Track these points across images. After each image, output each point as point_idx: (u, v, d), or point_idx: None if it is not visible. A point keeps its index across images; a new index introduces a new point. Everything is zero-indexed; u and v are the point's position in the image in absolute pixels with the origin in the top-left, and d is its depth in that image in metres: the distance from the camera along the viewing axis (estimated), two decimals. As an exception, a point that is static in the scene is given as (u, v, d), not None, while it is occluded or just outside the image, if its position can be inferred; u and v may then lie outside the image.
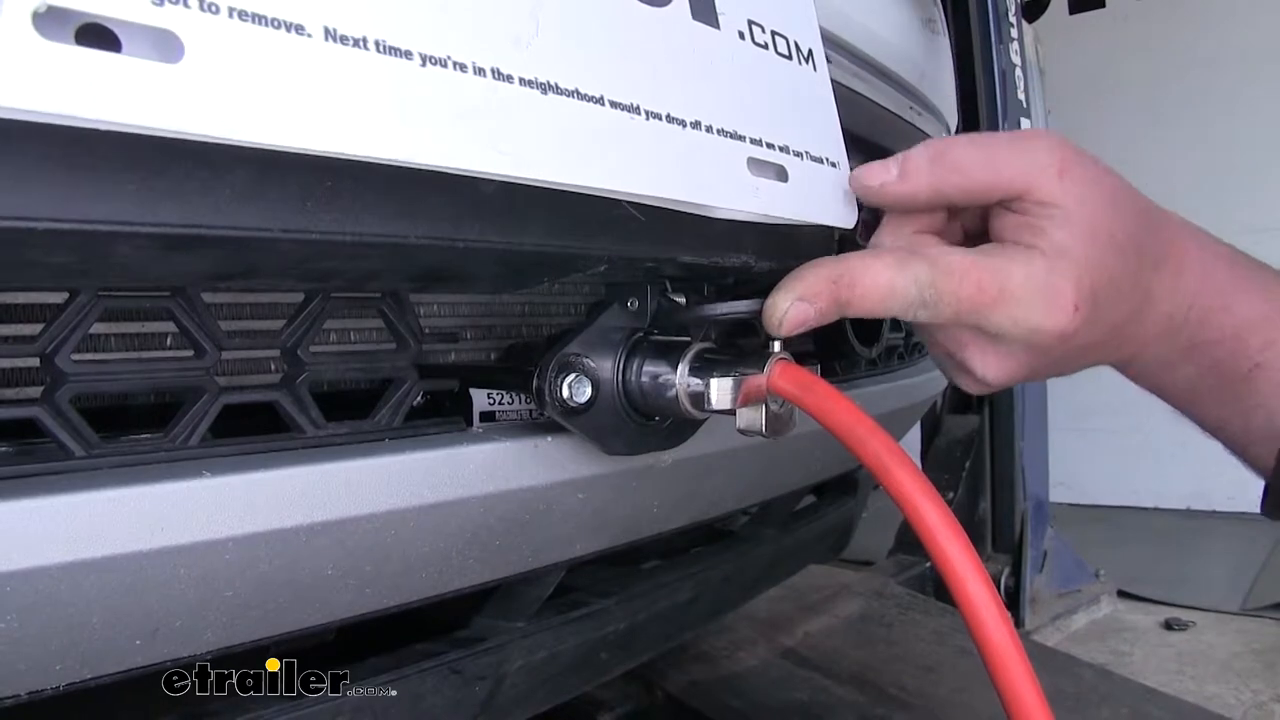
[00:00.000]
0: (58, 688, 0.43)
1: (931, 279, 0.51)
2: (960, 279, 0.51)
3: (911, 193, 0.54)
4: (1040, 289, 0.51)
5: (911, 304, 0.51)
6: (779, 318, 0.50)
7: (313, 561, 0.48)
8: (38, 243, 0.32)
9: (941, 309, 0.51)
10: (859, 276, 0.51)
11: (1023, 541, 2.34)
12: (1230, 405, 0.60)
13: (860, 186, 0.57)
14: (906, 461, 0.46)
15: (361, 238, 0.38)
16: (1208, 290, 0.59)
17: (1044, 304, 0.51)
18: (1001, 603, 0.45)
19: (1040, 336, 0.52)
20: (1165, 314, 0.58)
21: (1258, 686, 1.96)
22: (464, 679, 0.67)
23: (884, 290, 0.51)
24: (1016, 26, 2.38)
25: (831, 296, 0.51)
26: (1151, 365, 0.61)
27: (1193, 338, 0.59)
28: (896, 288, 0.51)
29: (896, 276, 0.51)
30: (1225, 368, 0.59)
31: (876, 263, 0.51)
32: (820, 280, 0.51)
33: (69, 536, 0.38)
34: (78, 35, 0.28)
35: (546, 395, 0.51)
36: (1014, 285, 0.51)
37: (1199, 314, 0.58)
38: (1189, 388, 0.61)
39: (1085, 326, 0.52)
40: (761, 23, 0.57)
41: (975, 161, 0.53)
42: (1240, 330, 0.59)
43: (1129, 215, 0.55)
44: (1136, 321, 0.57)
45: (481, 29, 0.40)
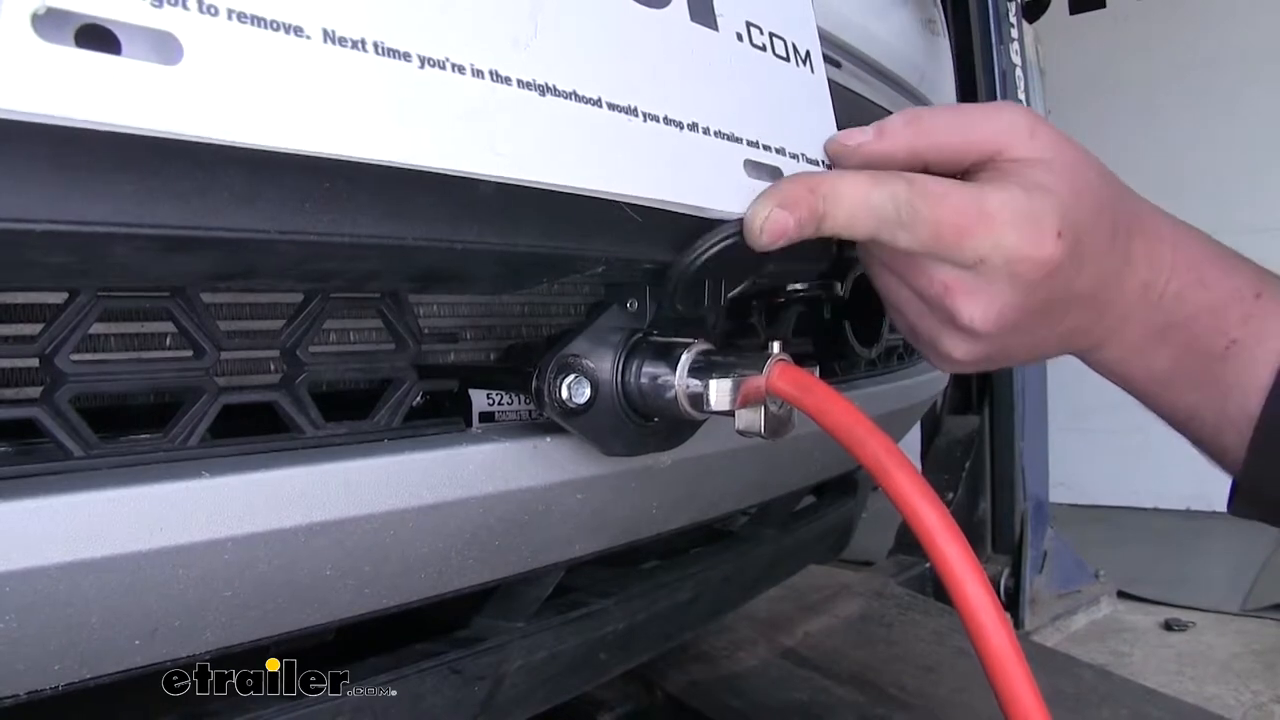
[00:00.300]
0: (56, 688, 0.43)
1: (909, 197, 0.51)
2: (937, 201, 0.51)
3: (887, 152, 0.55)
4: (1023, 214, 0.51)
5: (888, 221, 0.51)
6: (759, 225, 0.50)
7: (312, 562, 0.48)
8: (37, 244, 0.32)
9: (919, 230, 0.51)
10: (836, 185, 0.51)
11: (1023, 542, 2.34)
12: (1205, 388, 0.60)
13: (837, 146, 0.57)
14: (905, 463, 0.46)
15: (359, 239, 0.38)
16: (1182, 264, 0.59)
17: (1026, 228, 0.51)
18: (1000, 605, 0.45)
19: (1025, 265, 0.51)
20: (1142, 283, 0.58)
21: (1258, 687, 1.96)
22: (464, 679, 0.67)
23: (860, 201, 0.51)
24: (1017, 27, 2.38)
25: (809, 206, 0.51)
26: (1127, 349, 0.60)
27: (1169, 315, 0.58)
28: (873, 200, 0.51)
29: (873, 190, 0.51)
30: (1201, 346, 0.59)
31: (855, 175, 0.52)
32: (798, 188, 0.51)
33: (68, 536, 0.38)
34: (77, 37, 0.29)
35: (545, 396, 0.51)
36: (994, 209, 0.51)
37: (1175, 289, 0.58)
38: (1164, 372, 0.60)
39: (1069, 262, 0.52)
40: (760, 24, 0.57)
41: (950, 124, 0.55)
42: (1216, 306, 0.58)
43: (1102, 176, 0.56)
44: (1116, 285, 0.57)
45: (480, 31, 0.40)
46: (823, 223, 0.51)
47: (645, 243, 0.51)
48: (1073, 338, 0.59)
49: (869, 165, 0.56)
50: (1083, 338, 0.59)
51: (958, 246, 0.51)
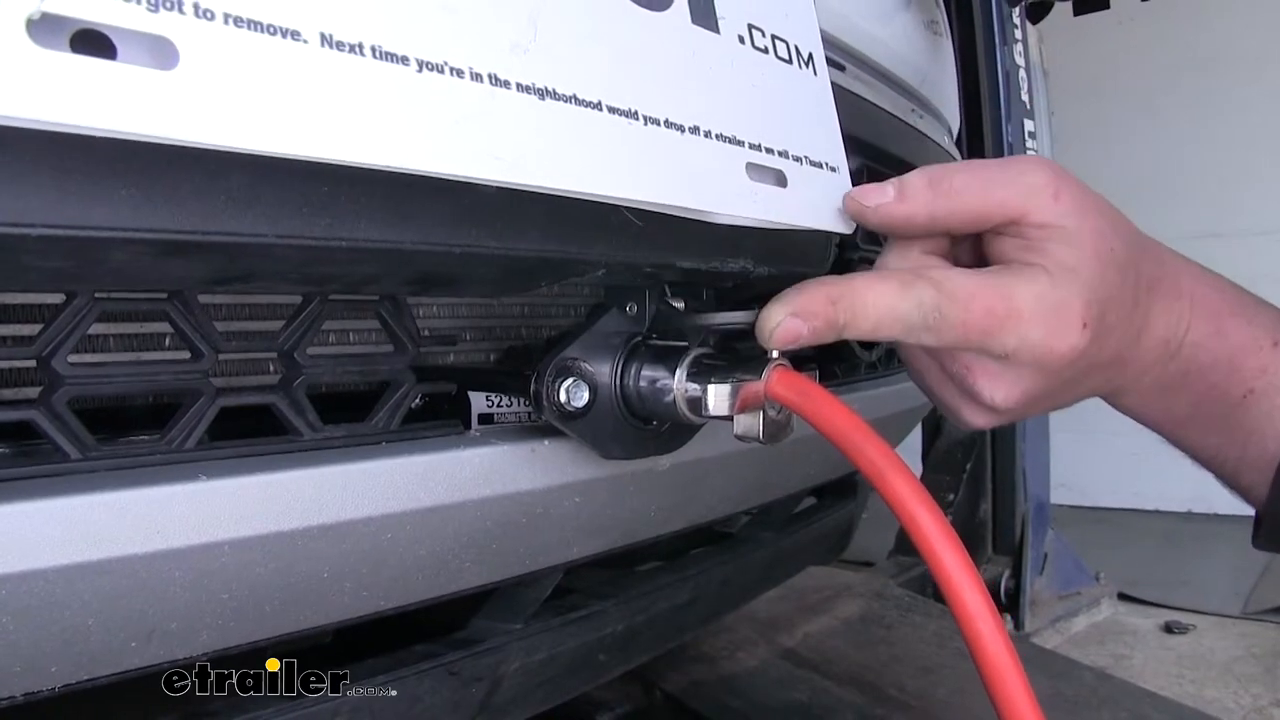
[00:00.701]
0: (54, 689, 0.43)
1: (937, 303, 0.50)
2: (967, 303, 0.50)
3: (908, 215, 0.54)
4: (1051, 308, 0.50)
5: (913, 328, 0.50)
6: (770, 330, 0.50)
7: (309, 564, 0.48)
8: (33, 248, 0.32)
9: (946, 333, 0.50)
10: (860, 297, 0.50)
11: (1023, 543, 2.34)
12: (1224, 433, 0.60)
13: (856, 207, 0.56)
14: (902, 468, 0.46)
15: (357, 243, 0.38)
16: (1201, 316, 0.59)
17: (1055, 323, 0.50)
18: (996, 611, 0.44)
19: (1051, 357, 0.51)
20: (1161, 339, 0.57)
21: (1258, 691, 1.96)
22: (462, 680, 0.67)
23: (884, 312, 0.50)
24: (1020, 28, 2.38)
25: (828, 318, 0.50)
26: (1146, 395, 0.60)
27: (1187, 364, 0.58)
28: (899, 311, 0.50)
29: (899, 301, 0.50)
30: (1219, 394, 0.59)
31: (880, 284, 0.50)
32: (819, 299, 0.50)
33: (65, 539, 0.38)
34: (72, 42, 0.28)
35: (544, 399, 0.51)
36: (1022, 305, 0.50)
37: (1193, 340, 0.58)
38: (1183, 416, 0.61)
39: (1093, 346, 0.52)
40: (762, 27, 0.57)
41: (971, 186, 0.53)
42: (1234, 355, 0.58)
43: (1125, 236, 0.55)
44: (1135, 344, 0.57)
45: (479, 34, 0.40)
46: (842, 331, 0.50)
47: (645, 247, 0.50)
48: (1091, 393, 0.59)
49: (887, 228, 0.55)
50: (1101, 389, 0.59)
51: (984, 344, 0.51)
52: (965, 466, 2.40)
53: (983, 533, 2.41)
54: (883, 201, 0.54)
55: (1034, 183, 0.52)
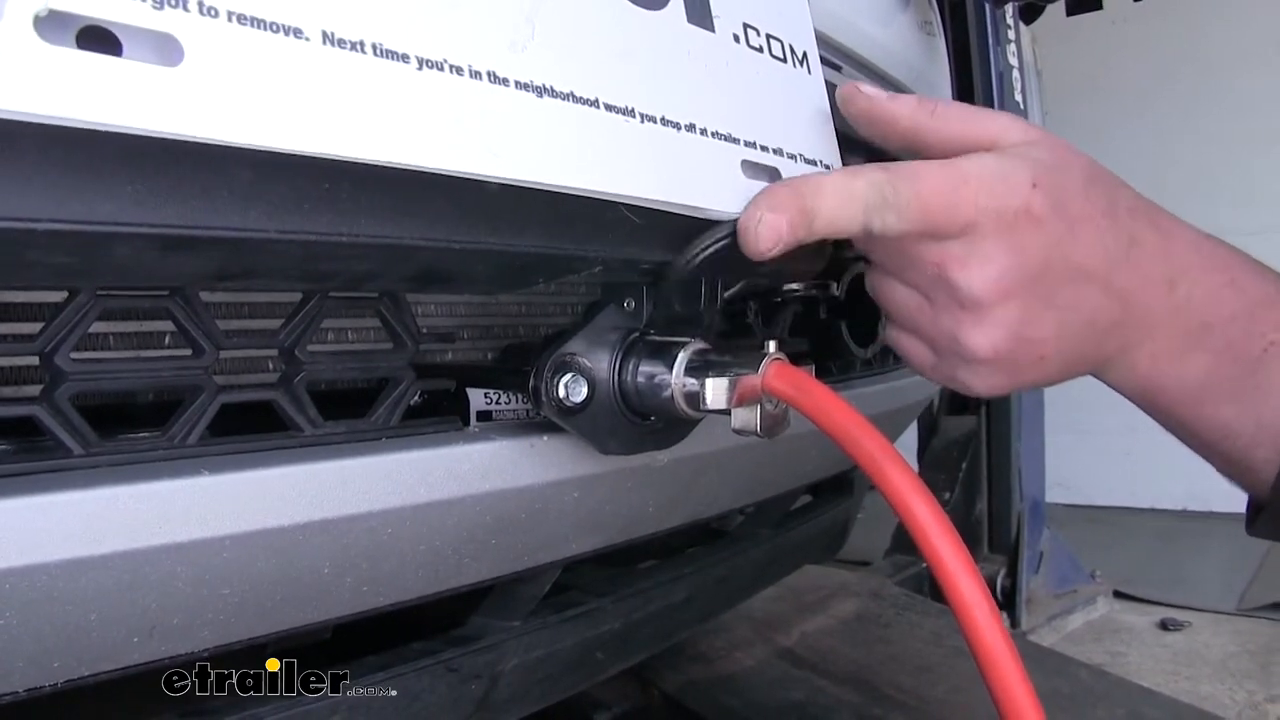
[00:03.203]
0: (56, 685, 0.43)
1: (889, 178, 0.52)
2: (915, 178, 0.52)
3: (894, 113, 0.56)
4: (997, 174, 0.52)
5: (875, 206, 0.52)
6: (753, 232, 0.51)
7: (310, 560, 0.48)
8: (38, 243, 0.32)
9: (905, 209, 0.51)
10: (818, 181, 0.52)
11: (1019, 542, 2.35)
12: (1241, 398, 0.58)
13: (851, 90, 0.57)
14: (900, 462, 0.47)
15: (358, 239, 0.39)
16: (1211, 266, 0.58)
17: (1002, 186, 0.52)
18: (994, 602, 0.45)
19: (1004, 217, 0.52)
20: (1165, 279, 0.56)
21: (1252, 687, 1.96)
22: (460, 677, 0.68)
23: (843, 190, 0.52)
24: (1014, 28, 2.39)
25: (796, 204, 0.51)
26: (1159, 356, 0.58)
27: (1202, 316, 0.57)
28: (855, 188, 0.52)
29: (853, 179, 0.52)
30: (1239, 350, 0.57)
31: (832, 174, 0.53)
32: (782, 191, 0.52)
33: (67, 534, 0.39)
34: (79, 38, 0.29)
35: (542, 395, 0.52)
36: (969, 173, 0.52)
37: (1205, 290, 0.57)
38: (1197, 382, 0.58)
39: (1052, 217, 0.53)
40: (756, 26, 0.57)
41: (955, 113, 0.56)
42: (1252, 308, 0.57)
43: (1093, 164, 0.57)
44: (1129, 269, 0.55)
45: (478, 33, 0.40)
46: (814, 221, 0.51)
47: (642, 243, 0.51)
48: (1099, 336, 0.57)
49: (871, 117, 0.57)
50: (1110, 336, 0.57)
51: (945, 218, 0.52)
52: (961, 465, 2.41)
53: (979, 531, 2.42)
54: (876, 94, 0.56)
55: (1010, 119, 0.56)
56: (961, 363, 0.57)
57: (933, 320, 0.56)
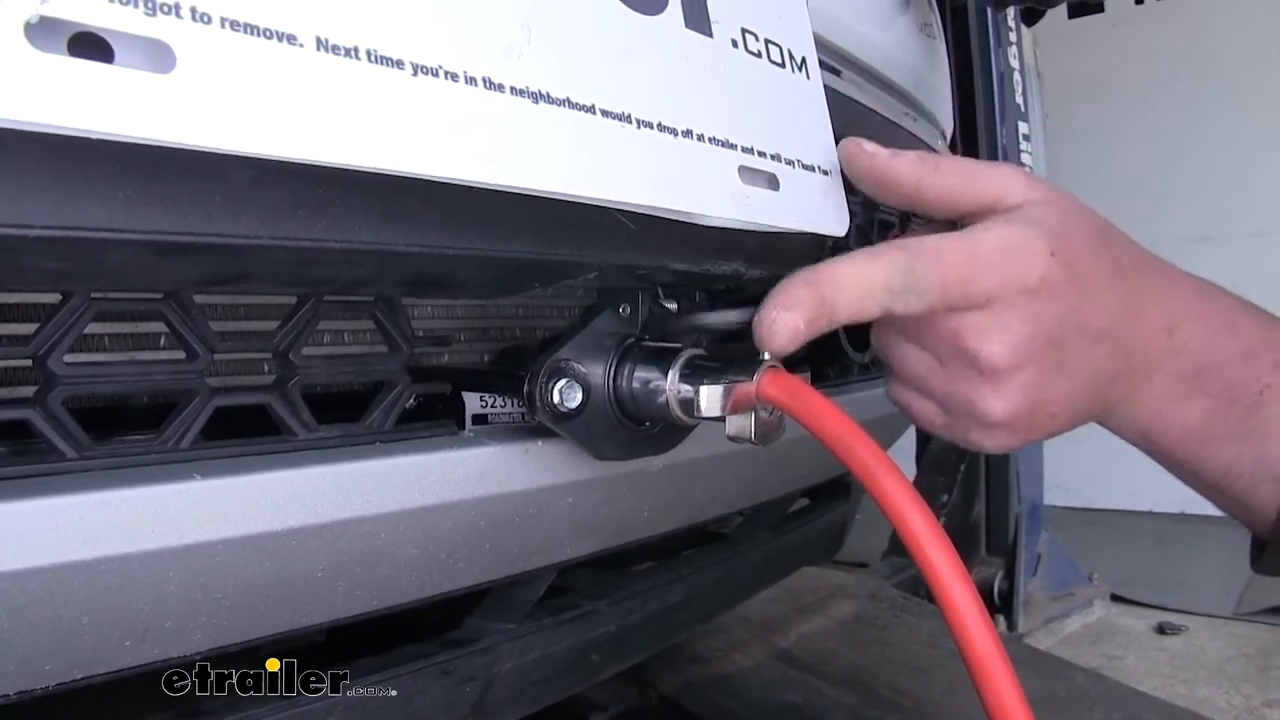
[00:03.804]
0: (47, 688, 0.43)
1: (909, 262, 0.51)
2: (935, 256, 0.51)
3: (896, 172, 0.55)
4: (1014, 244, 0.52)
5: (895, 291, 0.51)
6: (768, 331, 0.50)
7: (303, 564, 0.48)
8: (31, 249, 0.32)
9: (926, 291, 0.51)
10: (835, 272, 0.51)
11: (1017, 544, 2.35)
12: (1241, 440, 0.59)
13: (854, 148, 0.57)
14: (893, 469, 0.47)
15: (352, 245, 0.38)
16: (1208, 311, 0.58)
17: (1019, 256, 0.52)
18: (986, 612, 0.45)
19: (1025, 290, 0.52)
20: (1164, 327, 0.57)
21: (1249, 691, 1.96)
22: (455, 679, 0.68)
23: (862, 281, 0.51)
24: (1015, 30, 2.39)
25: (814, 300, 0.50)
26: (1159, 401, 0.59)
27: (1199, 362, 0.58)
28: (875, 277, 0.51)
29: (873, 266, 0.51)
30: (1237, 393, 0.58)
31: (850, 259, 0.52)
32: (798, 285, 0.51)
33: (60, 538, 0.39)
34: (70, 45, 0.29)
35: (537, 400, 0.51)
36: (987, 247, 0.52)
37: (1202, 335, 0.58)
38: (1197, 425, 0.59)
39: (1068, 284, 0.53)
40: (755, 31, 0.57)
41: (957, 169, 0.56)
42: (1248, 352, 0.58)
43: (1097, 219, 0.57)
44: (1133, 322, 0.56)
45: (473, 38, 0.40)
46: (834, 313, 0.51)
47: (638, 249, 0.51)
48: (1104, 388, 0.57)
49: (875, 175, 0.56)
50: (1113, 386, 0.58)
51: (965, 293, 0.52)
52: (959, 468, 2.41)
53: (976, 534, 2.41)
54: (880, 153, 0.56)
55: (1010, 173, 0.56)
56: (975, 426, 0.57)
57: (946, 384, 0.56)
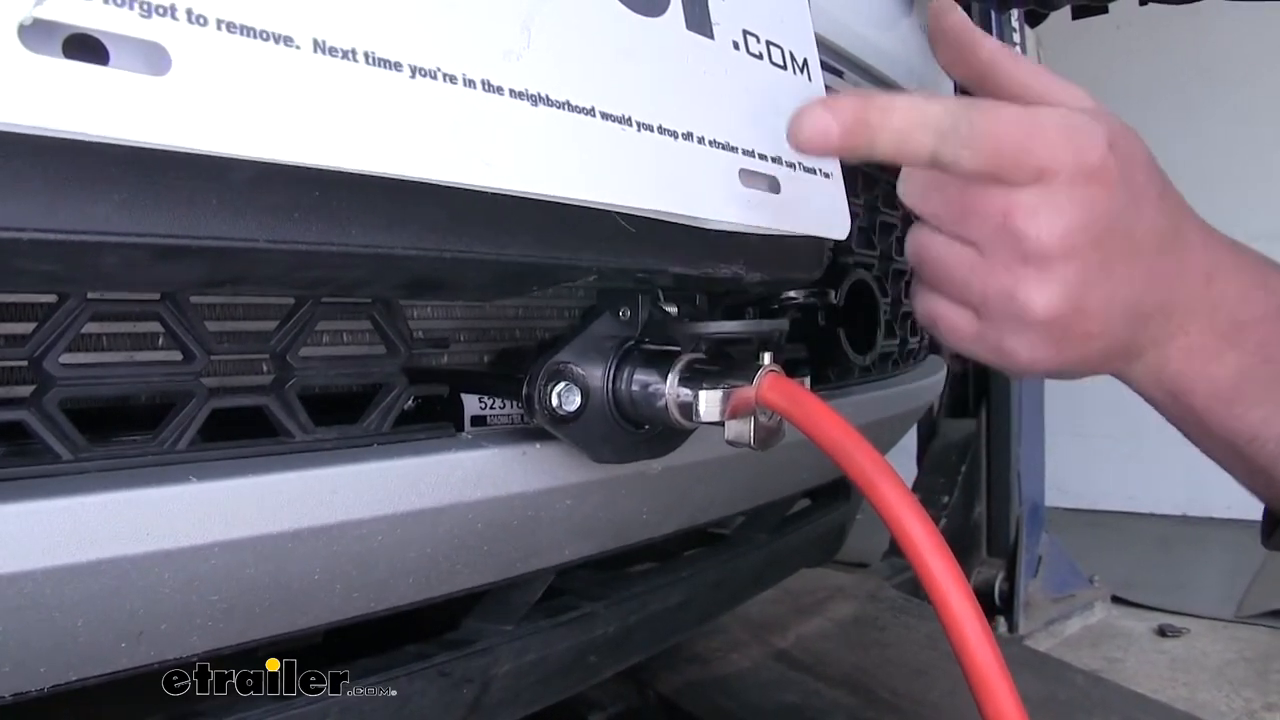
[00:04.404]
0: (42, 690, 0.43)
1: (966, 111, 0.49)
2: (995, 113, 0.49)
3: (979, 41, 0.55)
4: (1074, 126, 0.50)
5: (945, 134, 0.48)
6: (800, 120, 0.48)
7: (300, 566, 0.48)
8: (25, 251, 0.32)
9: (980, 144, 0.49)
10: (888, 98, 0.49)
11: (1018, 546, 2.34)
12: (1274, 400, 0.57)
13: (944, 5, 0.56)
14: (891, 475, 0.46)
15: (349, 248, 0.38)
16: (1239, 264, 0.57)
17: (1079, 138, 0.50)
18: (985, 621, 0.45)
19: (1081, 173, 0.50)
20: (1204, 272, 0.56)
21: (1250, 695, 1.96)
22: (452, 681, 0.68)
23: (916, 112, 0.49)
24: (1019, 32, 2.38)
25: (857, 113, 0.48)
26: (1191, 353, 0.57)
27: (1234, 315, 0.56)
28: (928, 113, 0.49)
29: (928, 104, 0.49)
30: (1270, 351, 0.57)
31: (907, 95, 0.50)
32: (847, 95, 0.49)
33: (55, 540, 0.38)
34: (65, 48, 0.29)
35: (536, 403, 0.51)
36: (1046, 122, 0.50)
37: (1238, 289, 0.56)
38: (1228, 384, 0.57)
39: (1122, 186, 0.51)
40: (756, 33, 0.57)
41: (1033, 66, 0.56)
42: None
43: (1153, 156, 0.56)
44: (1177, 255, 0.55)
45: (472, 41, 0.40)
46: (877, 136, 0.48)
47: (638, 252, 0.51)
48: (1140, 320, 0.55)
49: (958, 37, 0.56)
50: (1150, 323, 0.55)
51: (1018, 161, 0.49)
52: (960, 469, 2.40)
53: (977, 535, 2.41)
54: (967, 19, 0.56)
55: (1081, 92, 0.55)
56: (1013, 326, 0.53)
57: (986, 277, 0.53)
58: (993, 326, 0.54)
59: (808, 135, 0.48)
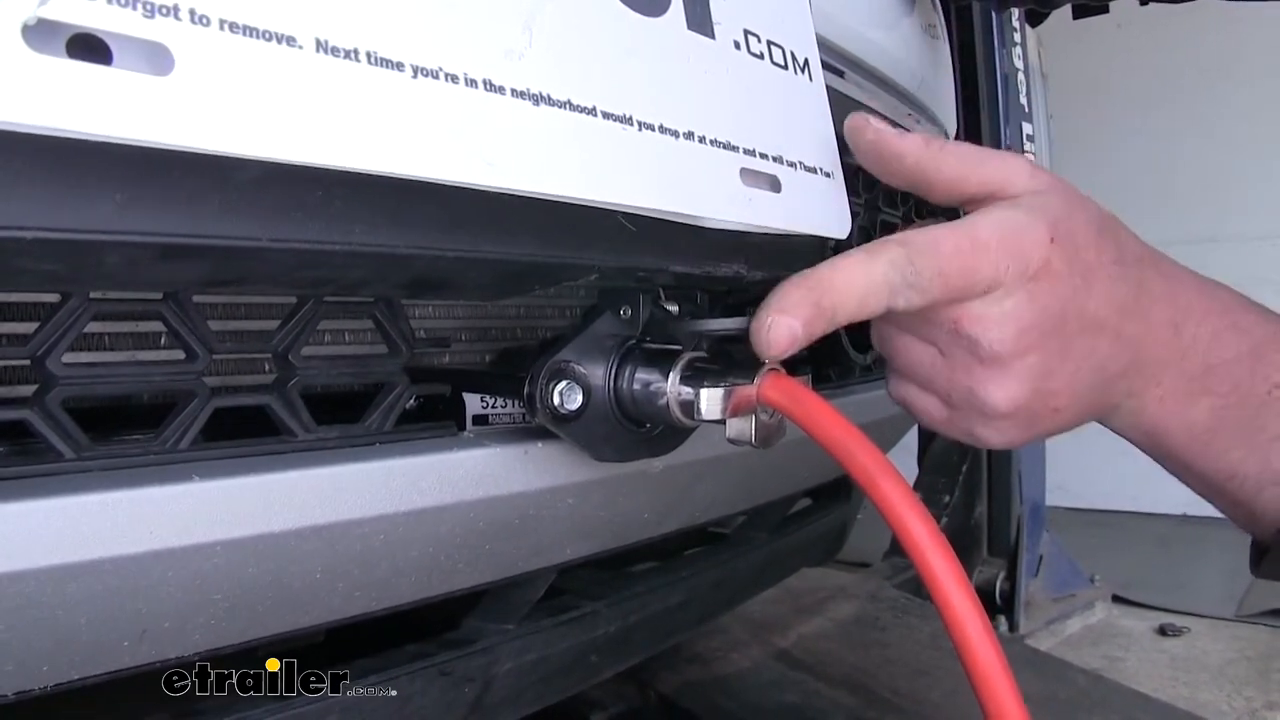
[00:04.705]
0: (45, 688, 0.43)
1: (907, 256, 0.50)
2: (934, 248, 0.50)
3: (901, 150, 0.54)
4: (1014, 229, 0.51)
5: (895, 289, 0.50)
6: (765, 337, 0.49)
7: (302, 565, 0.48)
8: (27, 251, 0.32)
9: (927, 285, 0.50)
10: (831, 275, 0.50)
11: (1018, 545, 2.34)
12: (1248, 441, 0.58)
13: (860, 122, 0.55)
14: (892, 473, 0.46)
15: (351, 247, 0.38)
16: (1214, 309, 0.58)
17: (1020, 241, 0.51)
18: (987, 618, 0.45)
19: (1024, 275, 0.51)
20: (1171, 322, 0.57)
21: (1250, 694, 1.96)
22: (453, 680, 0.68)
23: (861, 280, 0.50)
24: (1020, 31, 2.38)
25: (810, 303, 0.49)
26: (1166, 400, 0.58)
27: (1207, 359, 0.57)
28: (874, 276, 0.50)
29: (871, 265, 0.50)
30: (1244, 392, 0.57)
31: (847, 259, 0.51)
32: (794, 290, 0.50)
33: (58, 539, 0.39)
34: (68, 47, 0.29)
35: (537, 402, 0.51)
36: (986, 234, 0.51)
37: (1210, 332, 0.57)
38: (1204, 426, 0.58)
39: (1069, 271, 0.52)
40: (757, 33, 0.57)
41: (962, 153, 0.55)
42: (1256, 349, 0.57)
43: (1101, 212, 0.56)
44: (1139, 317, 0.55)
45: (474, 41, 0.40)
46: (831, 316, 0.50)
47: (639, 251, 0.51)
48: (1109, 383, 0.57)
49: (879, 151, 0.55)
50: (1119, 382, 0.57)
51: (967, 285, 0.51)
52: (961, 469, 2.40)
53: (978, 535, 2.41)
54: (884, 130, 0.55)
55: (1015, 163, 0.55)
56: (979, 418, 0.56)
57: (948, 376, 0.55)
58: (961, 415, 0.57)
59: (780, 346, 0.49)
